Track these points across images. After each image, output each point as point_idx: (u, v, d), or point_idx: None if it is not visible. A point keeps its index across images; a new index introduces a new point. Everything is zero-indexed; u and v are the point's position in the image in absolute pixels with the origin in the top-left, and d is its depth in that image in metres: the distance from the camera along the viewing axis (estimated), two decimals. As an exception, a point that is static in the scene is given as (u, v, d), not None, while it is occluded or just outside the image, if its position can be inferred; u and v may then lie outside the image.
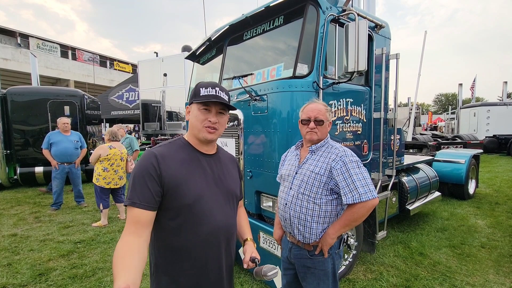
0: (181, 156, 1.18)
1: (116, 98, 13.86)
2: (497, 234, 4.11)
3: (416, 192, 4.11)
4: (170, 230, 1.14)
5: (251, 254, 1.31)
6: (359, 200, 1.47)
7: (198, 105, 1.19)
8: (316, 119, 1.64)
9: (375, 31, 3.14)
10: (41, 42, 25.00)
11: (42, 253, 3.61)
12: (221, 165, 1.31)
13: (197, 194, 1.15)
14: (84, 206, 5.77)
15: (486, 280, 2.94)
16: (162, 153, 1.14)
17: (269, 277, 1.26)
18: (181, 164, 1.16)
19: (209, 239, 1.18)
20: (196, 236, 1.15)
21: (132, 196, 1.07)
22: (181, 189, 1.12)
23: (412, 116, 9.62)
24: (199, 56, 4.09)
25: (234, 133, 3.04)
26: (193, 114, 1.20)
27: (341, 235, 1.68)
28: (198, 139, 1.23)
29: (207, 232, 1.17)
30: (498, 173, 9.01)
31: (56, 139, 5.41)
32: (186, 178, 1.14)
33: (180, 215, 1.13)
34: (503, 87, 18.12)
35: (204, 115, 1.18)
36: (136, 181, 1.09)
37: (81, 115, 8.01)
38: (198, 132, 1.20)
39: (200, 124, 1.18)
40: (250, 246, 1.37)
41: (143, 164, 1.11)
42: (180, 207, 1.13)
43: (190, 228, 1.15)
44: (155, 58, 11.73)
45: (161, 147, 1.19)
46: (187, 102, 1.31)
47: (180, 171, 1.14)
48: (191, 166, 1.19)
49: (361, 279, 2.96)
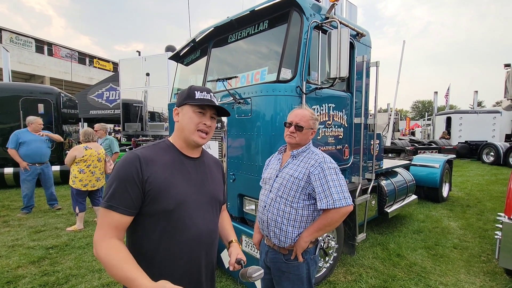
0: (165, 159, 1.15)
1: (96, 97, 13.37)
2: (468, 236, 4.33)
3: (394, 195, 4.26)
4: (148, 236, 1.11)
5: (237, 256, 1.30)
6: (333, 206, 1.50)
7: (193, 108, 1.17)
8: (297, 124, 1.66)
9: (357, 39, 3.24)
10: (14, 36, 23.69)
11: (10, 260, 3.39)
12: (205, 169, 1.29)
13: (179, 199, 1.12)
14: (58, 209, 5.49)
15: (458, 279, 3.09)
16: (146, 156, 1.10)
17: (254, 278, 1.26)
18: (164, 168, 1.13)
19: (190, 245, 1.15)
20: (176, 243, 1.12)
21: (112, 199, 1.03)
22: (163, 194, 1.09)
23: (391, 121, 9.97)
24: (183, 57, 4.04)
25: (218, 136, 3.02)
26: (186, 116, 1.18)
27: (317, 241, 1.70)
28: (187, 142, 1.21)
29: (188, 238, 1.14)
30: (469, 177, 9.52)
31: (26, 138, 5.09)
32: (169, 183, 1.11)
33: (161, 221, 1.10)
34: (474, 96, 19.24)
35: (199, 118, 1.18)
36: (117, 184, 1.04)
37: (56, 113, 7.66)
38: (190, 134, 1.18)
39: (194, 127, 1.17)
40: (235, 248, 1.35)
41: (126, 167, 1.06)
42: (161, 212, 1.09)
43: (170, 234, 1.11)
44: (138, 57, 11.43)
45: (144, 149, 1.15)
46: (172, 104, 1.28)
47: (163, 176, 1.11)
48: (175, 170, 1.16)
49: (341, 281, 3.01)
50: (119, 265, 0.94)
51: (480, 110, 17.44)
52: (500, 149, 12.54)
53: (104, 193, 1.07)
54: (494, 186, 8.03)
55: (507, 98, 10.21)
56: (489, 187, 7.88)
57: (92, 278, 3.04)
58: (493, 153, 12.98)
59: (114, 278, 0.97)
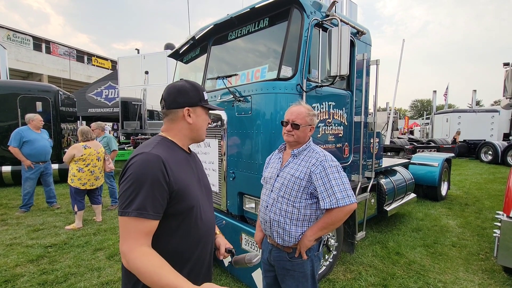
0: (176, 157, 1.15)
1: (95, 95, 13.31)
2: (466, 234, 4.34)
3: (394, 194, 4.26)
4: (173, 235, 1.09)
5: (226, 246, 1.37)
6: (337, 205, 1.49)
7: (206, 110, 1.25)
8: (293, 122, 1.65)
9: (357, 37, 3.23)
10: (12, 33, 23.49)
11: (8, 258, 3.37)
12: (197, 163, 1.33)
13: (196, 196, 1.16)
14: (56, 207, 5.47)
15: (456, 277, 3.10)
16: (165, 156, 1.06)
17: (254, 263, 1.32)
18: (179, 166, 1.13)
19: (205, 237, 1.20)
20: (195, 238, 1.15)
21: (142, 206, 0.97)
22: (186, 193, 1.09)
23: (391, 120, 9.98)
24: (182, 54, 4.02)
25: (218, 134, 3.01)
26: (201, 118, 1.23)
27: (320, 238, 1.70)
28: (194, 141, 1.27)
29: (204, 231, 1.19)
30: (468, 176, 9.56)
31: (31, 137, 5.06)
32: (188, 181, 1.14)
33: (185, 219, 1.11)
34: (473, 95, 19.28)
35: (208, 118, 1.29)
36: (144, 189, 0.98)
37: (54, 111, 7.61)
38: (202, 134, 1.27)
39: (206, 127, 1.27)
40: (222, 239, 1.42)
41: (151, 170, 1.00)
42: (185, 210, 1.10)
43: (191, 230, 1.13)
44: (136, 55, 11.39)
45: (156, 148, 1.08)
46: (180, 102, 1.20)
47: (183, 175, 1.12)
48: (186, 168, 1.18)
49: (341, 279, 3.02)
50: (157, 271, 0.91)
51: (479, 109, 17.48)
52: (498, 148, 12.59)
53: (126, 199, 0.98)
54: (492, 184, 8.06)
55: (506, 97, 10.22)
56: (487, 185, 7.91)
57: (91, 276, 3.03)
58: (491, 152, 13.03)
59: (152, 286, 0.93)
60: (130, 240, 0.97)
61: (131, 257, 0.95)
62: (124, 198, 0.99)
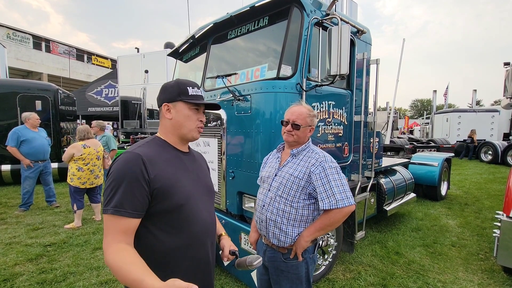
0: (165, 156, 1.14)
1: (94, 94, 13.32)
2: (466, 234, 4.34)
3: (393, 194, 4.26)
4: (159, 234, 1.09)
5: (230, 248, 1.35)
6: (336, 206, 1.48)
7: (189, 105, 1.17)
8: (293, 122, 1.64)
9: (357, 36, 3.22)
10: (11, 32, 23.45)
11: (7, 257, 3.37)
12: (196, 163, 1.31)
13: (187, 194, 1.14)
14: (56, 206, 5.47)
15: (456, 277, 3.10)
16: (147, 154, 1.06)
17: (254, 266, 1.30)
18: (167, 164, 1.12)
19: (199, 237, 1.18)
20: (187, 236, 1.14)
21: (119, 203, 0.98)
22: (173, 190, 1.08)
23: (390, 120, 9.98)
24: (182, 53, 4.01)
25: (217, 133, 3.00)
26: (182, 113, 1.17)
27: (316, 240, 1.68)
28: (183, 139, 1.22)
29: (197, 230, 1.17)
30: (468, 175, 9.55)
31: (28, 136, 5.04)
32: (176, 179, 1.12)
33: (172, 217, 1.10)
34: (473, 95, 19.29)
35: (195, 114, 1.19)
36: (121, 186, 0.99)
37: (54, 110, 7.60)
38: (188, 131, 1.19)
39: (193, 124, 1.19)
40: (227, 241, 1.40)
41: (129, 168, 1.01)
42: (172, 208, 1.09)
43: (181, 229, 1.12)
44: (136, 54, 11.40)
45: (141, 147, 1.11)
46: (161, 99, 1.22)
47: (170, 172, 1.11)
48: (176, 166, 1.16)
49: (340, 279, 3.01)
50: (126, 267, 0.91)
51: (479, 109, 17.48)
52: (498, 148, 12.57)
53: (106, 197, 1.01)
54: (492, 184, 8.06)
55: (507, 96, 10.21)
56: (487, 185, 7.91)
57: (91, 275, 3.03)
58: (491, 151, 13.01)
59: (123, 283, 0.92)
60: (109, 236, 0.99)
61: (106, 253, 0.96)
62: (105, 196, 1.02)
